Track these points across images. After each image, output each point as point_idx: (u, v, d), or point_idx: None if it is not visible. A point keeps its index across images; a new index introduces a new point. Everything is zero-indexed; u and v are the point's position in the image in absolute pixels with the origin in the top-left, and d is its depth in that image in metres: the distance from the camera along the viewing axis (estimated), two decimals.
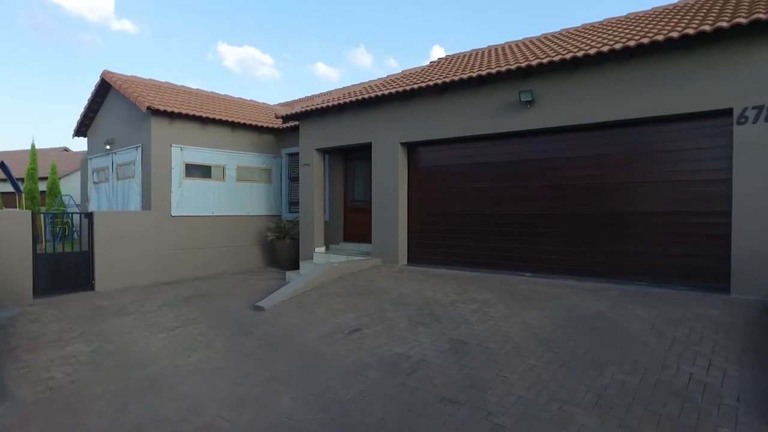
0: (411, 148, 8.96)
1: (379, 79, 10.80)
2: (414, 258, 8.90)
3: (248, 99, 14.00)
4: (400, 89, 8.34)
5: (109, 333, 6.30)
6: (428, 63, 11.31)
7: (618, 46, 6.13)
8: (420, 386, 4.11)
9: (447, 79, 7.75)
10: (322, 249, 10.38)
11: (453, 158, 8.50)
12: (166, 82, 12.12)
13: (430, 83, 7.96)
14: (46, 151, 28.41)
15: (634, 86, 6.28)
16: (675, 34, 5.66)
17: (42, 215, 12.37)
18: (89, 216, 9.08)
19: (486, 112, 7.68)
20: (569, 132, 7.11)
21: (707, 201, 6.01)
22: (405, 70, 10.92)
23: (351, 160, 10.92)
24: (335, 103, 9.35)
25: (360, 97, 8.91)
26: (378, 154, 9.07)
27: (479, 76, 7.41)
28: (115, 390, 4.49)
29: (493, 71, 7.24)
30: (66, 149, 30.67)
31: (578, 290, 6.40)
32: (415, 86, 8.14)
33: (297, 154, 11.98)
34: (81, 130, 12.78)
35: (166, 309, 7.50)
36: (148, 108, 9.50)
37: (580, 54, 6.43)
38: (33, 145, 21.11)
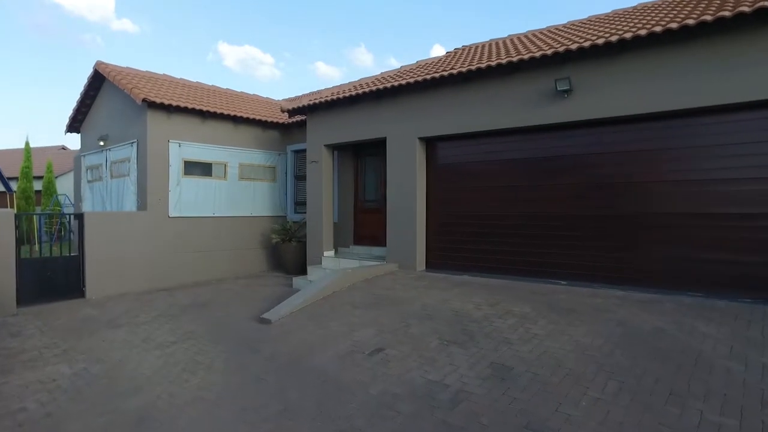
0: (430, 143, 8.24)
1: (392, 70, 10.08)
2: (433, 263, 8.17)
3: (251, 93, 13.28)
4: (420, 78, 7.61)
5: (97, 350, 5.57)
6: (444, 54, 10.59)
7: (674, 25, 5.40)
8: (465, 426, 3.38)
9: (473, 67, 7.02)
10: (332, 253, 9.65)
11: (477, 154, 7.77)
12: (164, 75, 11.40)
13: (454, 71, 7.23)
14: (43, 150, 27.74)
15: (692, 71, 5.55)
16: (746, 9, 4.93)
17: (35, 216, 11.68)
18: (79, 217, 8.36)
19: (516, 104, 6.95)
20: (611, 124, 6.38)
21: None
22: (420, 61, 10.21)
23: (362, 157, 10.19)
24: (346, 95, 8.62)
25: (374, 88, 8.19)
26: (393, 150, 8.35)
27: (510, 63, 6.68)
28: (97, 426, 3.77)
29: (526, 57, 6.51)
30: (64, 147, 30.00)
31: (626, 302, 5.66)
32: (437, 75, 7.42)
33: (303, 150, 11.26)
34: (74, 126, 12.06)
35: (162, 320, 6.78)
36: (144, 100, 8.78)
37: (628, 36, 5.70)
38: (27, 143, 20.43)
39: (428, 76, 7.52)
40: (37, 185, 22.10)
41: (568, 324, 5.06)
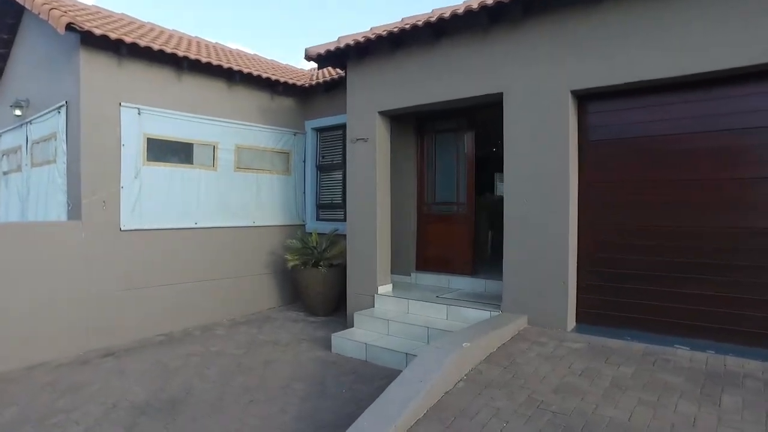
0: (584, 103, 4.64)
1: None
2: (590, 316, 4.58)
3: (251, 53, 9.51)
4: None
5: None
6: None
7: None
8: None
9: None
10: (389, 287, 6.01)
11: (682, 121, 4.21)
12: (122, 14, 7.58)
13: None
14: None
15: None
16: None
17: None
18: None
19: None
20: None
21: None
22: None
23: (428, 135, 6.59)
24: (431, 20, 4.97)
25: (487, 3, 4.54)
26: (515, 115, 4.73)
27: None
28: None
29: None
30: None
31: None
32: None
33: (332, 128, 7.63)
34: None
35: None
36: (70, 27, 5.02)
37: None
38: None
39: None
40: None
41: None
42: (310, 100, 7.84)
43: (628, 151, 4.47)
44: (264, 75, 7.07)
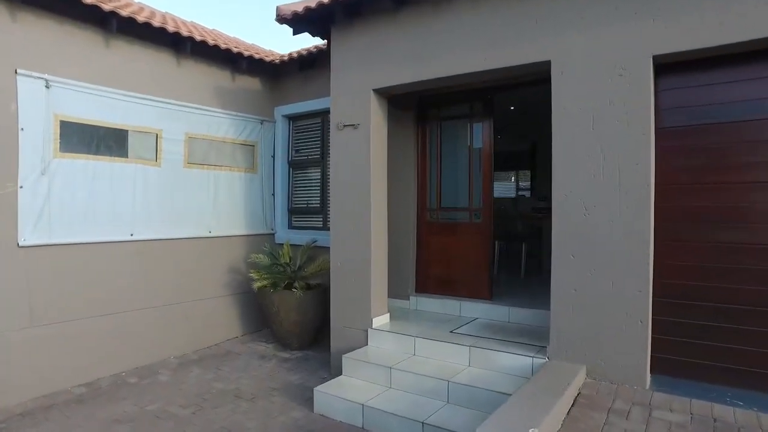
0: (661, 75, 3.43)
1: None
2: (673, 364, 3.37)
3: (210, 28, 7.94)
4: None
5: None
6: None
7: None
8: None
9: None
10: (386, 318, 4.66)
11: None
12: None
13: None
14: None
15: None
16: None
17: None
18: None
19: None
20: None
21: None
22: None
23: (433, 122, 5.30)
24: None
25: None
26: (570, 92, 3.48)
27: None
28: None
29: None
30: None
31: None
32: None
33: (307, 115, 6.26)
34: None
35: None
36: None
37: None
38: None
39: None
40: None
41: None
42: (281, 80, 6.40)
43: (728, 141, 3.29)
44: (223, 46, 5.60)
